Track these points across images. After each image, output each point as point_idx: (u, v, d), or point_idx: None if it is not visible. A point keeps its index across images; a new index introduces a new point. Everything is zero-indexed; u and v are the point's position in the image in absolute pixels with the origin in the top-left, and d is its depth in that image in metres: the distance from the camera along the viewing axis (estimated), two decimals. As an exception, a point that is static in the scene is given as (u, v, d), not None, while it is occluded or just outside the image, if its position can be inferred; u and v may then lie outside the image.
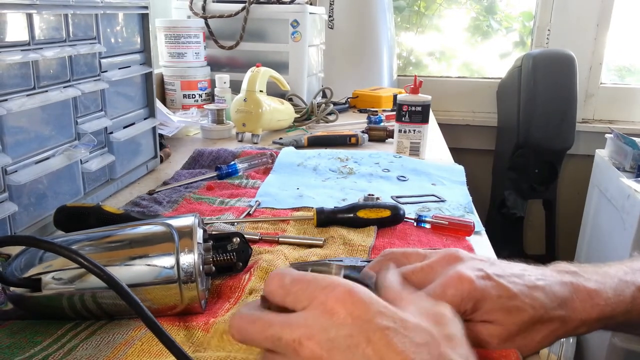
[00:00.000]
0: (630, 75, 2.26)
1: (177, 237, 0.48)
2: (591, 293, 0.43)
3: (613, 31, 2.07)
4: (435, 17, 2.37)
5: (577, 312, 0.43)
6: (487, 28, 2.35)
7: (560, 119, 1.93)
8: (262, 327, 0.35)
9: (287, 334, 0.33)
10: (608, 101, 2.15)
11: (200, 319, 0.50)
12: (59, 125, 0.71)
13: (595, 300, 0.43)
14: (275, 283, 0.37)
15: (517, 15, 2.33)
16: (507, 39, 2.34)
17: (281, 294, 0.36)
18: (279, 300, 0.36)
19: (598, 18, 2.05)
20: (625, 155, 1.58)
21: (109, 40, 0.81)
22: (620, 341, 1.41)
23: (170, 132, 1.17)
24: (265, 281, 0.37)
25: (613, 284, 0.45)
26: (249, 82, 1.20)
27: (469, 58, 2.38)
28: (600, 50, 2.09)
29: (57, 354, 0.44)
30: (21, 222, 0.65)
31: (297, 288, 0.35)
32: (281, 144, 1.15)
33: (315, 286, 0.35)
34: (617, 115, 2.17)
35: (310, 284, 0.35)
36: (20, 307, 0.48)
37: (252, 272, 0.56)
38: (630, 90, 2.16)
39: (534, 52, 1.99)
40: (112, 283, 0.41)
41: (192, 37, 1.43)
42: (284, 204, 0.80)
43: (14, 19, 0.62)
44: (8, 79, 0.61)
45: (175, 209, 0.77)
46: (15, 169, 0.63)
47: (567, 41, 2.07)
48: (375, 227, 0.70)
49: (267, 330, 0.34)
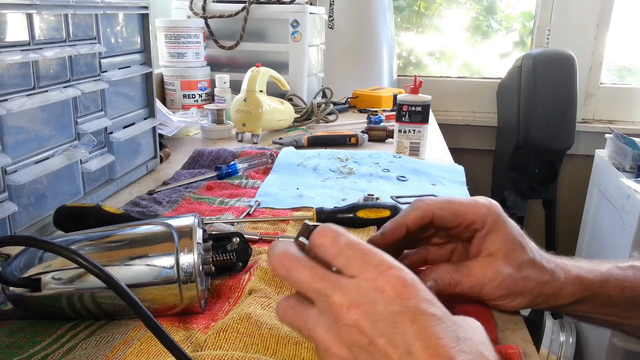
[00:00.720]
0: (630, 75, 2.26)
1: (176, 237, 0.48)
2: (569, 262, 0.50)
3: (613, 31, 2.07)
4: (435, 17, 2.37)
5: (560, 269, 0.49)
6: (487, 28, 2.35)
7: (560, 119, 1.93)
8: (313, 276, 0.34)
9: (337, 296, 0.33)
10: (608, 101, 2.15)
11: (199, 319, 0.50)
12: (59, 125, 0.71)
13: (573, 266, 0.50)
14: (328, 239, 0.35)
15: (517, 15, 2.32)
16: (507, 39, 2.34)
17: (333, 253, 0.35)
18: (326, 256, 0.35)
19: (598, 18, 2.05)
20: (625, 155, 1.58)
21: (109, 40, 0.81)
22: (620, 341, 1.41)
23: (170, 132, 1.17)
24: (316, 232, 0.36)
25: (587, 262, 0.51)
26: (249, 82, 1.20)
27: (469, 58, 2.38)
28: (600, 50, 2.08)
29: (57, 353, 0.44)
30: (21, 222, 0.65)
31: (351, 253, 0.35)
32: (281, 144, 1.15)
33: (369, 260, 0.34)
34: (617, 115, 2.17)
35: (365, 256, 0.34)
36: (19, 307, 0.48)
37: (252, 272, 0.56)
38: (630, 90, 2.16)
39: (534, 52, 1.99)
40: (112, 283, 0.41)
41: (192, 37, 1.43)
42: (283, 204, 0.80)
43: (14, 19, 0.62)
44: (8, 79, 0.61)
45: (175, 209, 0.77)
46: (15, 169, 0.63)
47: (567, 41, 2.06)
48: (375, 227, 0.70)
49: (317, 282, 0.34)
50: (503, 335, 0.49)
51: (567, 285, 0.48)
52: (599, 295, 0.49)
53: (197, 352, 0.43)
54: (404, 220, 0.48)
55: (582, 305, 0.49)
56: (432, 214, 0.48)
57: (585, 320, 0.53)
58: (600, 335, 1.49)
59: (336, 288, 0.33)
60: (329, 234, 0.36)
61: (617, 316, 0.50)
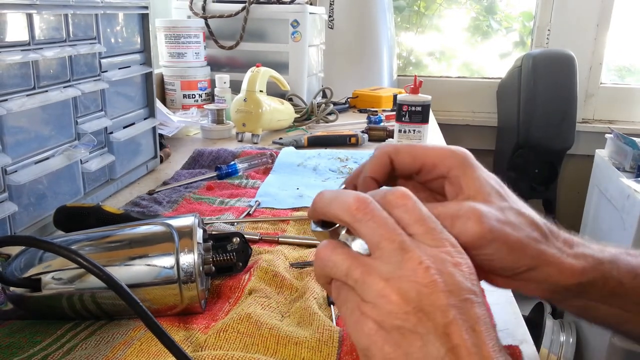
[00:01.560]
0: (630, 75, 2.26)
1: (177, 237, 0.48)
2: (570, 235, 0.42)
3: (613, 31, 2.07)
4: (435, 17, 2.37)
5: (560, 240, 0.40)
6: (487, 28, 2.35)
7: (560, 119, 1.93)
8: (393, 226, 0.32)
9: (416, 251, 0.31)
10: (608, 101, 2.15)
11: (200, 319, 0.50)
12: (59, 125, 0.71)
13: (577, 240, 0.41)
14: (411, 202, 0.33)
15: (517, 15, 2.33)
16: (507, 39, 2.34)
17: (415, 217, 0.33)
18: (405, 218, 0.33)
19: (598, 18, 2.05)
20: (625, 155, 1.58)
21: (109, 40, 0.81)
22: (620, 341, 1.41)
23: (170, 132, 1.17)
24: (394, 192, 0.34)
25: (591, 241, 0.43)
26: (249, 82, 1.20)
27: (469, 58, 2.38)
28: (600, 50, 2.08)
29: (57, 353, 0.44)
30: (21, 222, 0.65)
31: (432, 226, 0.33)
32: (281, 144, 1.15)
33: (447, 237, 0.33)
34: (617, 115, 2.17)
35: (442, 232, 0.33)
36: (20, 307, 0.48)
37: (252, 272, 0.56)
38: (630, 90, 2.16)
39: (534, 52, 1.99)
40: (112, 283, 0.41)
41: (192, 37, 1.43)
42: (283, 204, 0.80)
43: (14, 19, 0.62)
44: (8, 79, 0.61)
45: (175, 209, 0.77)
46: (15, 169, 0.63)
47: (567, 41, 2.06)
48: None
49: (396, 232, 0.32)
50: (503, 335, 0.49)
51: (570, 259, 0.39)
52: (610, 279, 0.41)
53: (197, 352, 0.43)
54: (365, 174, 0.42)
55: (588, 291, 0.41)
56: (389, 158, 0.41)
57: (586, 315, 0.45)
58: (600, 335, 1.49)
59: (414, 244, 0.31)
60: (412, 198, 0.34)
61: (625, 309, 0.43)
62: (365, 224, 0.32)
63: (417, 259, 0.30)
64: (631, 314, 0.44)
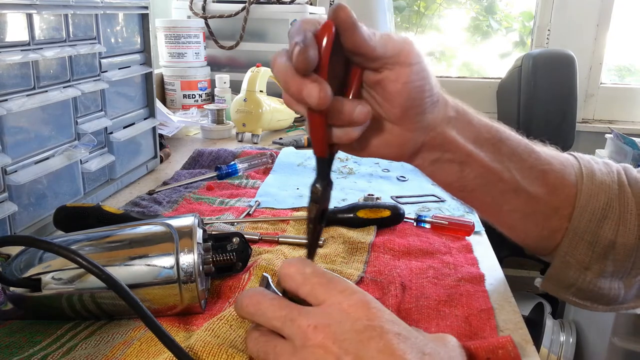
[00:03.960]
0: (630, 75, 2.26)
1: (177, 237, 0.48)
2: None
3: (613, 31, 2.06)
4: (435, 17, 2.37)
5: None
6: (487, 28, 2.35)
7: (560, 119, 1.93)
8: (279, 305, 0.36)
9: (303, 319, 0.34)
10: (608, 101, 2.15)
11: (200, 319, 0.50)
12: (59, 125, 0.71)
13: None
14: (294, 269, 0.37)
15: (517, 15, 2.32)
16: (507, 39, 2.34)
17: (299, 281, 0.37)
18: (293, 286, 0.37)
19: (598, 18, 2.05)
20: (625, 155, 1.58)
21: (109, 40, 0.81)
22: (620, 341, 1.41)
23: (170, 132, 1.17)
24: (283, 264, 0.38)
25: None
26: (249, 82, 1.20)
27: (469, 58, 2.38)
28: (600, 50, 2.08)
29: (57, 353, 0.44)
30: (21, 222, 0.65)
31: (315, 281, 0.36)
32: (281, 144, 1.15)
33: (333, 286, 0.36)
34: (617, 115, 2.16)
35: (329, 282, 0.36)
36: (20, 307, 0.48)
37: (252, 272, 0.56)
38: (630, 90, 2.16)
39: (534, 52, 1.98)
40: (112, 283, 0.41)
41: (192, 37, 1.43)
42: (283, 204, 0.80)
43: (14, 19, 0.62)
44: (8, 79, 0.61)
45: (175, 209, 0.77)
46: (15, 169, 0.63)
47: (567, 41, 2.06)
48: (375, 227, 0.70)
49: (283, 309, 0.35)
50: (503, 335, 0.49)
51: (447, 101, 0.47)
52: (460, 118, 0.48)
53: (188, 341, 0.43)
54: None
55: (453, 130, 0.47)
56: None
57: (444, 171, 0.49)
58: (600, 335, 1.49)
59: (302, 312, 0.35)
60: (294, 265, 0.37)
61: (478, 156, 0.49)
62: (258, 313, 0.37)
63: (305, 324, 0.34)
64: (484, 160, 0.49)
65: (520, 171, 0.50)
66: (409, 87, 0.43)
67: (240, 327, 0.45)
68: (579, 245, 0.50)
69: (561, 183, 0.51)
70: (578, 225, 0.50)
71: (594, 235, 0.50)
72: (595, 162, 0.54)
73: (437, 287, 0.56)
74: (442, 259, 0.63)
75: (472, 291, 0.55)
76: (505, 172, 0.49)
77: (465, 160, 0.48)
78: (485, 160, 0.49)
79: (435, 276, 0.58)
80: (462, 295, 0.54)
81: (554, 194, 0.51)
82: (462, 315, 0.51)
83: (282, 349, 0.35)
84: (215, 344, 0.42)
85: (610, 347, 1.43)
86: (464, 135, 0.48)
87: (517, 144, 0.51)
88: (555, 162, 0.52)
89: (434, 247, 0.66)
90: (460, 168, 0.49)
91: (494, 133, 0.50)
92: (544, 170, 0.51)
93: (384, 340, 0.33)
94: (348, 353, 0.32)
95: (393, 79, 0.42)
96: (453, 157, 0.48)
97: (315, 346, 0.33)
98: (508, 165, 0.50)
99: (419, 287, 0.56)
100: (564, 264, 0.51)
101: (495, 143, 0.49)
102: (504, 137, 0.50)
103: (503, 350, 0.42)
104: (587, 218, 0.50)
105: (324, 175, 0.42)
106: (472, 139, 0.49)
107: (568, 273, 0.52)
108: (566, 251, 0.51)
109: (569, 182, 0.51)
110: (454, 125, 0.48)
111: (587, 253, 0.50)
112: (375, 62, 0.42)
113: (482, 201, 0.52)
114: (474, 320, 0.50)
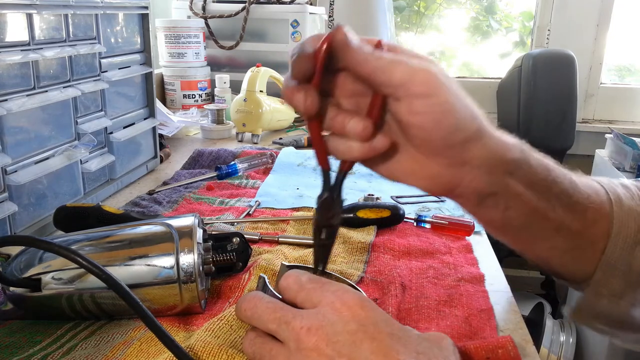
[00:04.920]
0: (630, 75, 2.26)
1: (177, 237, 0.48)
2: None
3: (613, 31, 2.06)
4: (435, 17, 2.37)
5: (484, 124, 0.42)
6: (487, 28, 2.35)
7: (560, 119, 1.93)
8: (274, 308, 0.36)
9: (297, 321, 0.34)
10: (608, 101, 2.15)
11: (200, 319, 0.50)
12: (59, 125, 0.71)
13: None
14: (292, 279, 0.38)
15: (517, 15, 2.32)
16: (507, 39, 2.34)
17: (295, 289, 0.37)
18: (291, 295, 0.38)
19: (598, 18, 2.05)
20: (625, 155, 1.58)
21: (109, 40, 0.81)
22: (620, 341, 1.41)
23: (170, 132, 1.17)
24: (282, 277, 0.39)
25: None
26: (249, 82, 1.20)
27: (469, 58, 2.38)
28: (600, 50, 2.08)
29: (56, 353, 0.44)
30: (21, 222, 0.65)
31: (310, 286, 0.37)
32: (281, 144, 1.15)
33: (327, 288, 0.36)
34: (617, 115, 2.16)
35: (324, 285, 0.37)
36: (19, 307, 0.48)
37: (252, 272, 0.56)
38: (630, 90, 2.16)
39: (534, 52, 1.98)
40: (112, 283, 0.41)
41: (192, 37, 1.43)
42: (283, 204, 0.80)
43: (14, 19, 0.62)
44: (8, 79, 0.61)
45: (175, 209, 0.77)
46: (15, 169, 0.63)
47: (567, 41, 2.06)
48: (375, 227, 0.70)
49: (278, 311, 0.36)
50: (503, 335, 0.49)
51: (503, 135, 0.42)
52: (522, 163, 0.43)
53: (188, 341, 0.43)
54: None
55: (517, 172, 0.43)
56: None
57: (490, 211, 0.44)
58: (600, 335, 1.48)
59: (296, 315, 0.35)
60: (292, 276, 0.38)
61: (547, 200, 0.44)
62: (255, 317, 0.37)
63: (298, 326, 0.34)
64: (540, 208, 0.44)
65: (566, 209, 0.46)
66: (420, 120, 0.39)
67: (240, 328, 0.45)
68: (613, 275, 0.48)
69: (600, 216, 0.48)
70: (611, 255, 0.47)
71: (627, 264, 0.47)
72: (616, 185, 0.50)
73: (437, 287, 0.56)
74: (442, 259, 0.63)
75: (472, 291, 0.55)
76: (551, 212, 0.45)
77: (513, 202, 0.44)
78: (533, 200, 0.45)
79: (435, 276, 0.58)
80: (462, 295, 0.54)
81: (593, 227, 0.48)
82: (462, 315, 0.51)
83: (278, 352, 0.35)
84: (215, 344, 0.42)
85: (610, 347, 1.43)
86: (521, 181, 0.44)
87: (563, 179, 0.46)
88: (592, 194, 0.48)
89: (434, 247, 0.66)
90: (506, 209, 0.45)
91: (547, 174, 0.45)
92: (586, 206, 0.47)
93: (377, 341, 0.33)
94: (341, 355, 0.33)
95: (403, 110, 0.38)
96: (502, 201, 0.44)
97: (309, 349, 0.33)
98: (554, 204, 0.46)
99: (419, 287, 0.56)
100: (596, 295, 0.49)
101: (548, 184, 0.45)
102: (555, 176, 0.46)
103: (503, 350, 0.42)
104: (620, 247, 0.47)
105: (327, 187, 0.42)
106: (526, 181, 0.44)
107: (601, 303, 0.49)
108: (599, 282, 0.48)
109: (604, 214, 0.48)
110: (512, 171, 0.43)
111: (620, 283, 0.48)
112: (383, 88, 0.38)
113: (519, 238, 0.48)
114: (474, 320, 0.50)
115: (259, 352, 0.37)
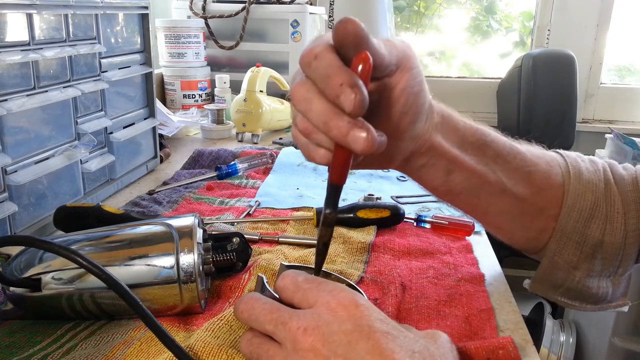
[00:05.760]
0: (630, 75, 2.26)
1: (177, 237, 0.48)
2: None
3: (613, 31, 2.06)
4: (435, 17, 2.37)
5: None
6: (487, 28, 2.35)
7: (560, 119, 1.93)
8: (271, 309, 0.36)
9: (293, 322, 0.35)
10: (608, 101, 2.15)
11: (200, 319, 0.50)
12: (59, 125, 0.71)
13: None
14: (288, 279, 0.38)
15: (517, 15, 2.32)
16: (507, 39, 2.34)
17: (292, 289, 0.38)
18: (288, 295, 0.38)
19: (598, 18, 2.05)
20: (625, 155, 1.58)
21: (109, 40, 0.81)
22: (620, 341, 1.41)
23: (170, 132, 1.17)
24: (278, 278, 0.39)
25: None
26: (249, 82, 1.20)
27: (469, 58, 2.38)
28: (600, 50, 2.08)
29: (56, 353, 0.44)
30: (21, 222, 0.65)
31: (307, 286, 0.37)
32: (281, 144, 1.15)
33: (323, 288, 0.36)
34: (617, 115, 2.17)
35: (320, 285, 0.37)
36: (19, 307, 0.48)
37: (252, 272, 0.56)
38: (630, 90, 2.16)
39: (534, 52, 1.98)
40: (112, 283, 0.41)
41: (192, 37, 1.43)
42: (283, 204, 0.80)
43: (14, 19, 0.62)
44: (8, 79, 0.61)
45: (175, 209, 0.77)
46: (15, 169, 0.63)
47: (567, 41, 2.06)
48: (375, 227, 0.70)
49: (274, 312, 0.36)
50: (503, 335, 0.49)
51: (432, 105, 0.47)
52: (444, 123, 0.48)
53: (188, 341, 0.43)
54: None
55: (438, 136, 0.47)
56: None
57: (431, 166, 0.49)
58: (600, 335, 1.49)
59: (293, 315, 0.35)
60: (288, 276, 0.38)
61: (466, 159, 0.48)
62: (252, 318, 0.37)
63: (295, 327, 0.35)
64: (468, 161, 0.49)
65: (506, 173, 0.50)
66: (407, 93, 0.42)
67: (240, 328, 0.45)
68: (567, 246, 0.50)
69: (547, 183, 0.51)
70: (565, 225, 0.50)
71: (582, 235, 0.50)
72: (582, 160, 0.54)
73: (437, 287, 0.56)
74: (442, 259, 0.63)
75: (472, 291, 0.55)
76: (491, 175, 0.49)
77: (450, 165, 0.48)
78: (471, 163, 0.49)
79: (435, 276, 0.58)
80: (462, 295, 0.54)
81: (540, 194, 0.51)
82: (462, 315, 0.51)
83: (275, 352, 0.35)
84: (215, 344, 0.42)
85: (610, 347, 1.43)
86: (449, 140, 0.48)
87: (502, 146, 0.50)
88: (541, 163, 0.52)
89: (434, 247, 0.66)
90: (446, 172, 0.49)
91: (479, 136, 0.50)
92: (529, 171, 0.50)
93: (373, 340, 0.33)
94: (337, 355, 0.33)
95: (392, 85, 0.42)
96: (439, 163, 0.48)
97: (305, 350, 0.34)
98: (493, 168, 0.49)
99: (419, 287, 0.56)
100: (552, 264, 0.51)
101: (480, 146, 0.49)
102: (488, 140, 0.50)
103: (503, 350, 0.42)
104: (574, 218, 0.50)
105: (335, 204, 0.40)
106: (457, 143, 0.48)
107: (556, 273, 0.51)
108: (554, 251, 0.51)
109: (555, 182, 0.51)
110: (440, 130, 0.48)
111: (575, 253, 0.50)
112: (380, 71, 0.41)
113: (468, 203, 0.52)
114: (474, 320, 0.50)
115: (256, 353, 0.37)
